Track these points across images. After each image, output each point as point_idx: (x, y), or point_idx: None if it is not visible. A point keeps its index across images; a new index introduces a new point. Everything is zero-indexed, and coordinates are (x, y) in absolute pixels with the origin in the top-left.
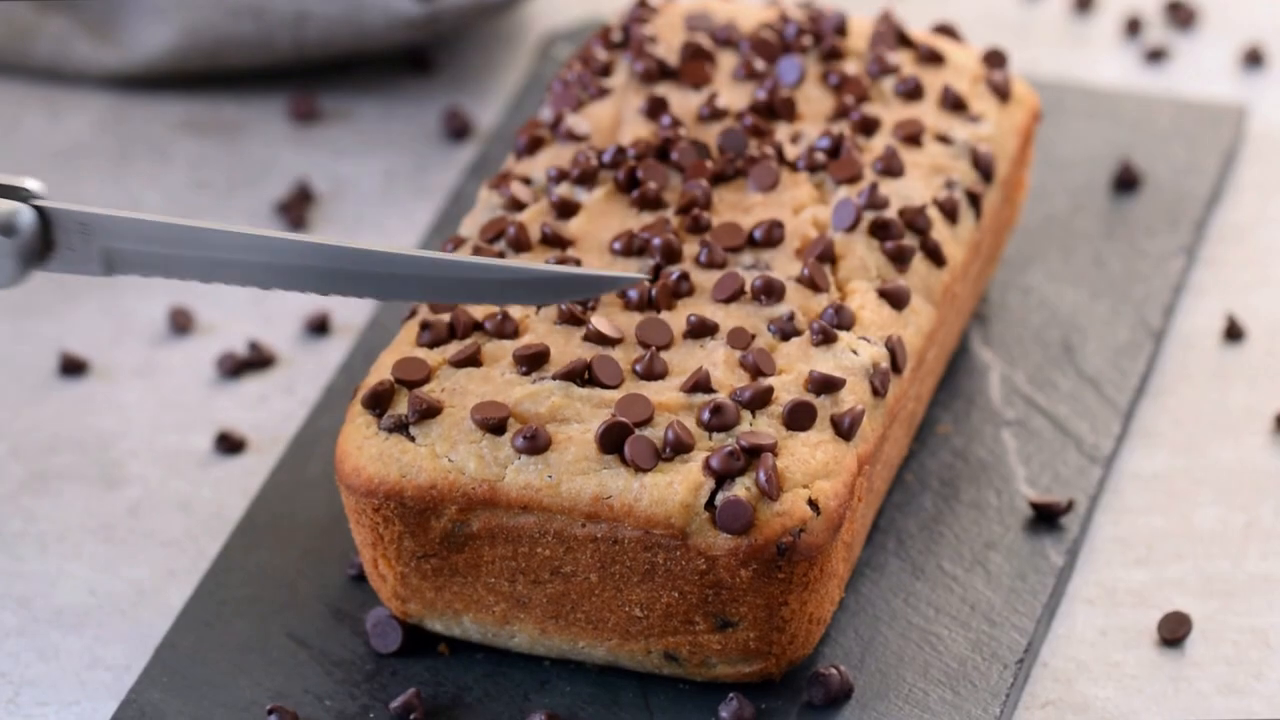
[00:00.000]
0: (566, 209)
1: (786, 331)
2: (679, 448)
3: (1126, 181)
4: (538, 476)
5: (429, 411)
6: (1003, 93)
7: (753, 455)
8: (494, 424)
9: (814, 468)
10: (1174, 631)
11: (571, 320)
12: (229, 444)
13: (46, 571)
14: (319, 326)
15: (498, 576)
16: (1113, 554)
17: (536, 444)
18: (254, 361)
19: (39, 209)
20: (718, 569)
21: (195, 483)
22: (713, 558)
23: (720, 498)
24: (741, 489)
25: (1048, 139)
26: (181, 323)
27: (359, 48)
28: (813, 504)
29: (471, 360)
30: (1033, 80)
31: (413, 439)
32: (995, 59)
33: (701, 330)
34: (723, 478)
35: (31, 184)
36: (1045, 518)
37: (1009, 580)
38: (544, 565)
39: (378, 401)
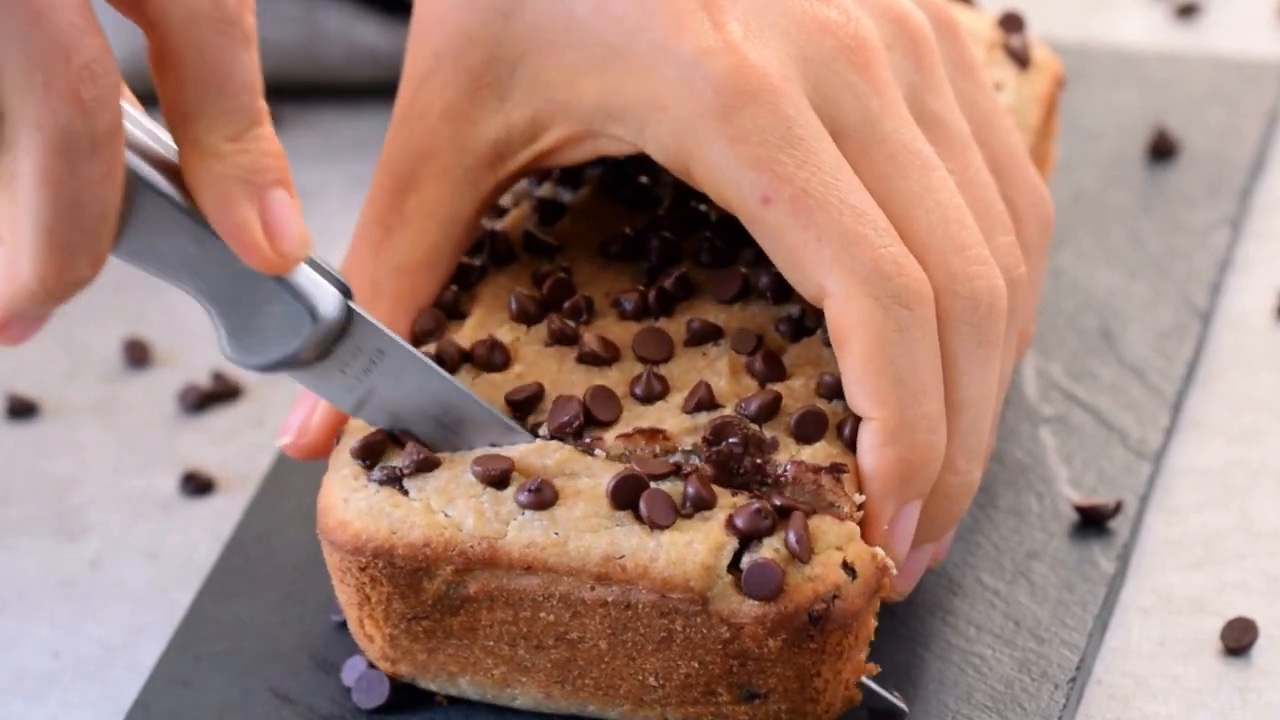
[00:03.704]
0: (551, 211)
1: (795, 331)
2: (700, 504)
3: (1162, 150)
4: (543, 534)
5: (426, 464)
6: (1022, 59)
7: (783, 515)
8: (496, 477)
9: (845, 530)
10: (1238, 639)
11: (563, 340)
12: (196, 484)
13: (4, 633)
14: None
15: (497, 640)
16: (1167, 557)
17: (542, 498)
18: (219, 393)
19: (350, 310)
20: (743, 638)
21: (162, 528)
22: (737, 625)
23: (746, 560)
24: (769, 550)
25: (1073, 107)
26: (138, 355)
27: (315, 79)
28: (847, 567)
29: None
30: (1054, 44)
31: (406, 492)
32: (1012, 23)
33: (704, 336)
34: (748, 538)
35: (346, 279)
36: (1092, 522)
37: (1056, 592)
38: (548, 631)
39: (370, 453)
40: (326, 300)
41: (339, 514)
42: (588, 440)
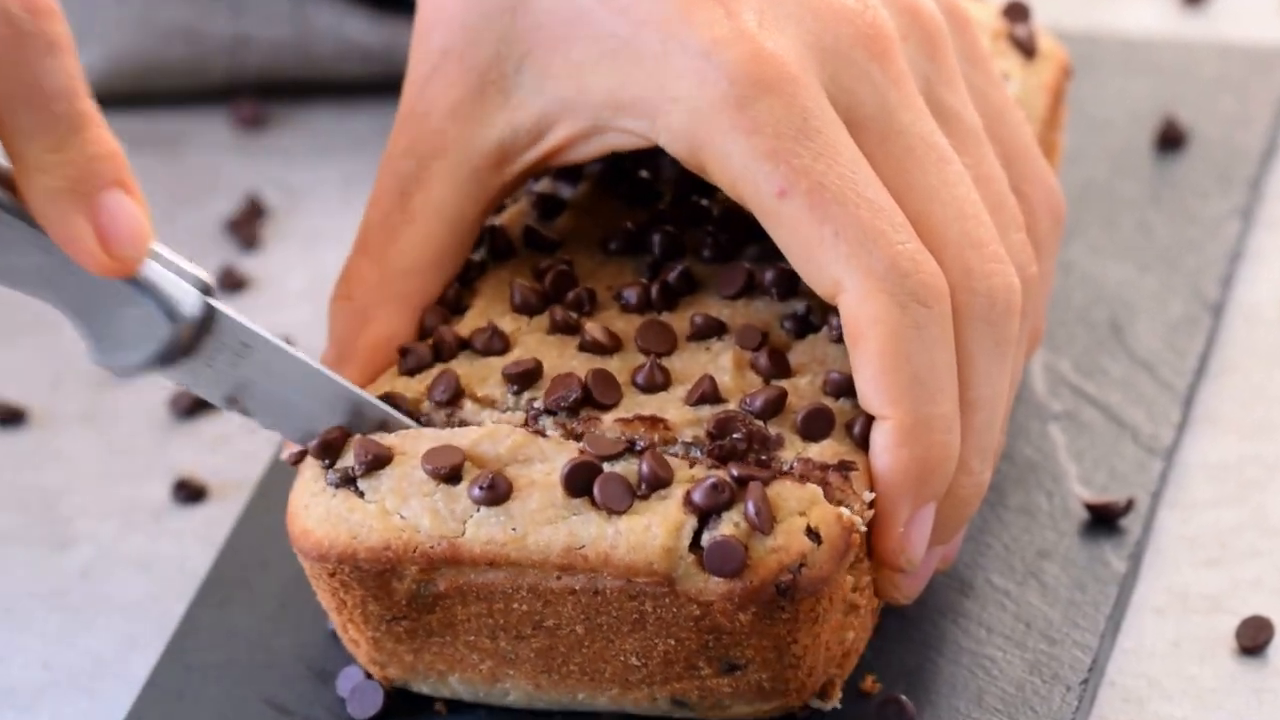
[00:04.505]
0: (550, 206)
1: (801, 328)
2: (656, 483)
3: (1171, 140)
4: (501, 530)
5: (377, 461)
6: (1027, 49)
7: (741, 484)
8: (447, 472)
9: (807, 494)
10: (1254, 638)
11: (565, 329)
12: (188, 492)
13: None
14: None
15: (477, 634)
16: (1181, 556)
17: (496, 494)
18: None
19: (209, 307)
20: (713, 614)
21: (153, 537)
22: (706, 603)
23: (706, 538)
24: (729, 525)
25: (1081, 97)
26: None
27: (305, 77)
28: (812, 533)
29: (454, 399)
30: (1060, 33)
31: (362, 494)
32: (1017, 11)
33: (707, 331)
34: (707, 514)
35: (205, 275)
36: (1103, 520)
37: (1067, 592)
38: (524, 620)
39: (328, 451)
40: (183, 299)
41: (301, 521)
42: (583, 419)
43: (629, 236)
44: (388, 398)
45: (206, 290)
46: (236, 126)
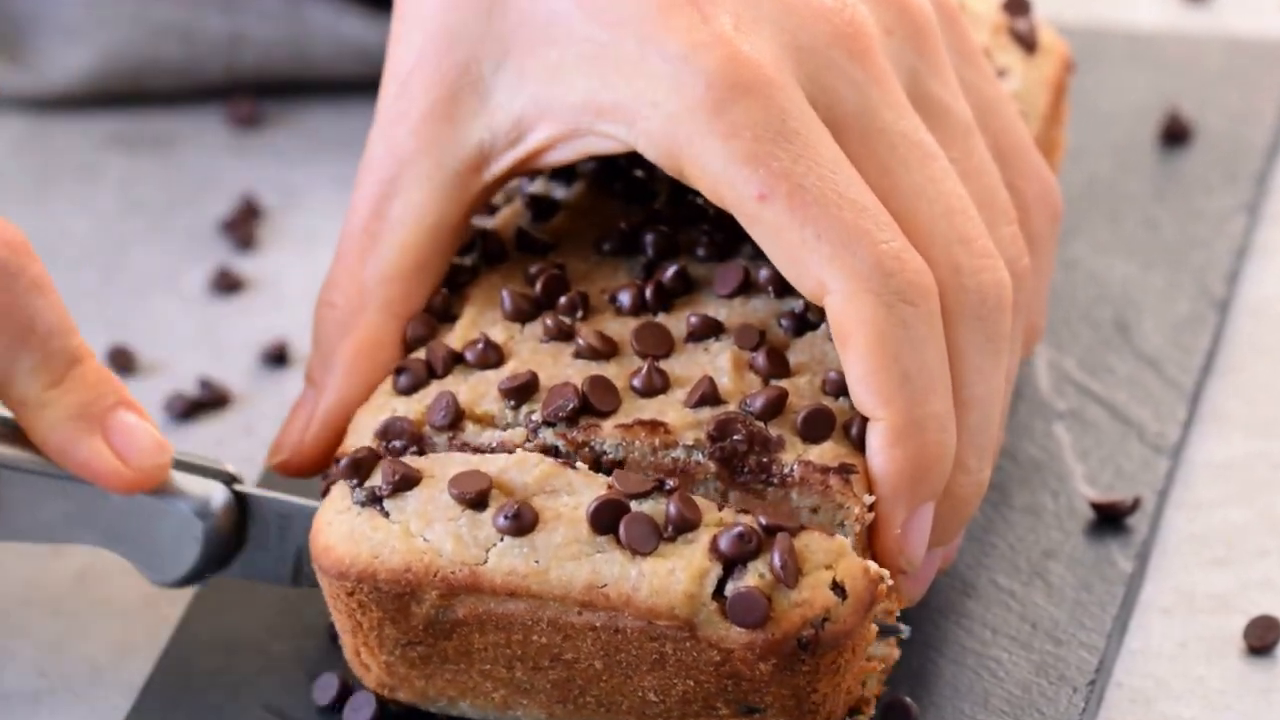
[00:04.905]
0: (543, 208)
1: (798, 326)
2: (683, 525)
3: (1175, 134)
4: (523, 561)
5: (405, 482)
6: (1028, 43)
7: (769, 533)
8: (473, 498)
9: (834, 546)
10: (1262, 638)
11: (559, 336)
12: None
13: None
14: (277, 357)
15: (493, 663)
16: (1188, 555)
17: (521, 524)
18: (207, 401)
19: (237, 494)
20: (733, 661)
21: None
22: (726, 650)
23: (730, 588)
24: (754, 576)
25: (1083, 92)
26: (123, 363)
27: (300, 76)
28: (837, 586)
29: (454, 421)
30: (1061, 26)
31: (387, 514)
32: (1017, 5)
33: (704, 331)
34: (732, 562)
35: (230, 468)
36: (1109, 519)
37: (1073, 592)
38: (543, 653)
39: (357, 471)
40: (209, 493)
41: (324, 539)
42: (583, 428)
43: (623, 237)
44: (391, 423)
45: (232, 481)
46: (232, 126)
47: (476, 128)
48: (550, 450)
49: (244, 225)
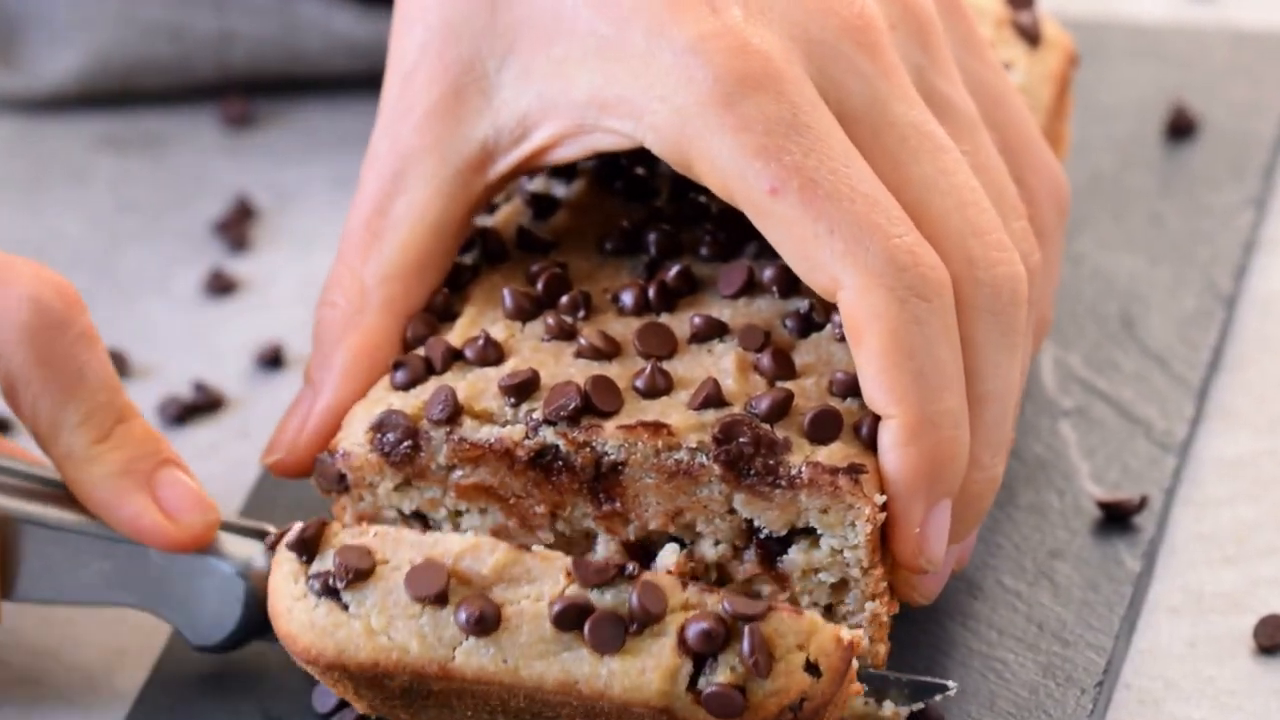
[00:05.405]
0: (544, 206)
1: (804, 327)
2: (647, 619)
3: (1181, 128)
4: (491, 661)
5: (359, 575)
6: (1032, 36)
7: (737, 621)
8: (433, 597)
9: (804, 625)
10: (1273, 637)
11: (561, 335)
12: None
13: None
14: (271, 359)
15: (475, 711)
16: (1196, 554)
17: (485, 625)
18: (201, 405)
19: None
20: None
21: None
22: None
23: (703, 682)
24: (726, 670)
25: (1087, 86)
26: (116, 366)
27: (292, 72)
28: (811, 666)
29: (452, 416)
30: (1065, 19)
31: (346, 607)
32: None
33: (708, 332)
34: (703, 657)
35: (270, 528)
36: (1116, 518)
37: (1080, 592)
38: (524, 712)
39: (304, 547)
40: (249, 554)
41: (285, 626)
42: (584, 428)
43: (625, 235)
44: (386, 417)
45: (268, 539)
46: (224, 125)
47: (481, 125)
48: (550, 450)
49: (237, 226)
